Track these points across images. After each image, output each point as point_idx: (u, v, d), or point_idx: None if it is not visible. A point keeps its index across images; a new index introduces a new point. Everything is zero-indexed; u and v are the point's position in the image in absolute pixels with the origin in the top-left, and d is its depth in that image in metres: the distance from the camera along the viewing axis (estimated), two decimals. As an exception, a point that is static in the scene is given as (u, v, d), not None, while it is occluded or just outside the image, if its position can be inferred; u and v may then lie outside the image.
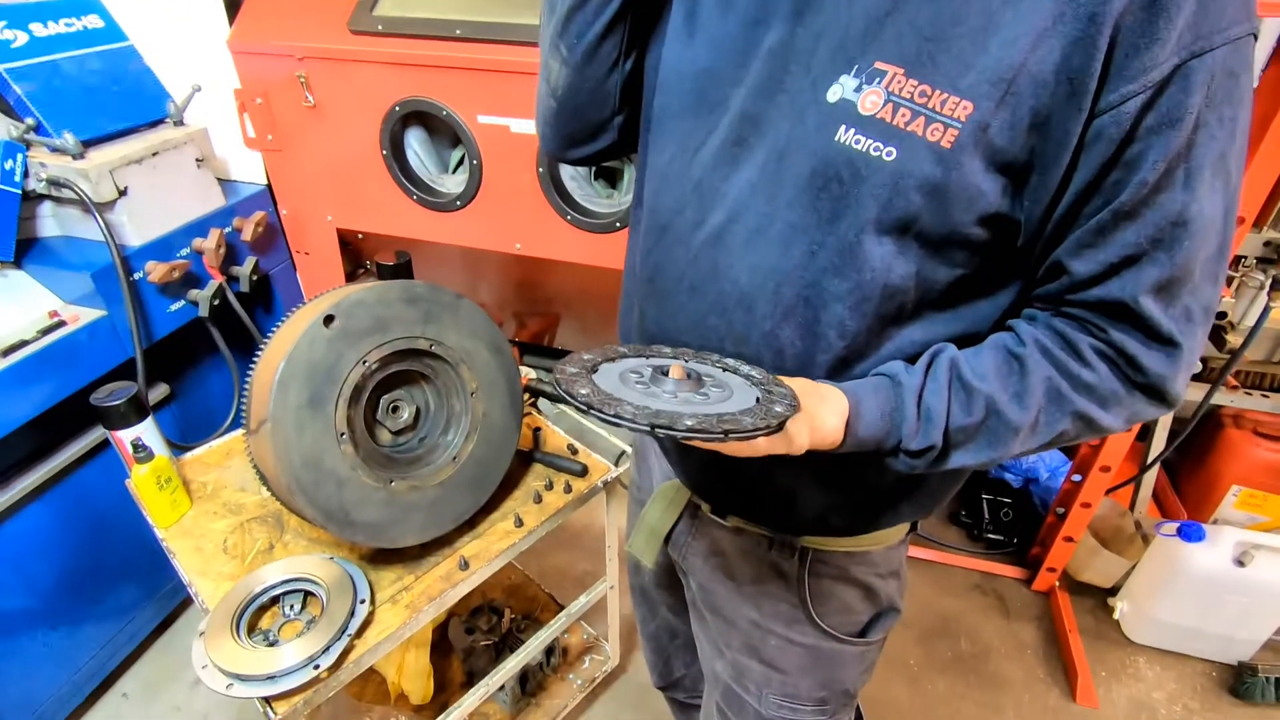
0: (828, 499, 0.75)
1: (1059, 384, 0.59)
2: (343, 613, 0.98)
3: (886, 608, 0.86)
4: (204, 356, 1.79)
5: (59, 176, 1.37)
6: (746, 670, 0.90)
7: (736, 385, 0.62)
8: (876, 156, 0.57)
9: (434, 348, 1.07)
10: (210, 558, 1.12)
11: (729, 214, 0.66)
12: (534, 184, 1.51)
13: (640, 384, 0.61)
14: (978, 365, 0.61)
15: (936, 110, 0.54)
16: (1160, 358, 0.57)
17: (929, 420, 0.60)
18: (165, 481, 1.16)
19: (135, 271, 1.45)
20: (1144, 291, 0.55)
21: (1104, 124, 0.51)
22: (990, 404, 0.60)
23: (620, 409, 0.54)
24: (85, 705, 1.68)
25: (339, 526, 0.98)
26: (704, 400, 0.59)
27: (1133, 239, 0.54)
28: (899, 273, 0.60)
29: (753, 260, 0.65)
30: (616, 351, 0.68)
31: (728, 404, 0.59)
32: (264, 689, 0.90)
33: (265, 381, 0.95)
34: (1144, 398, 0.59)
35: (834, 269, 0.61)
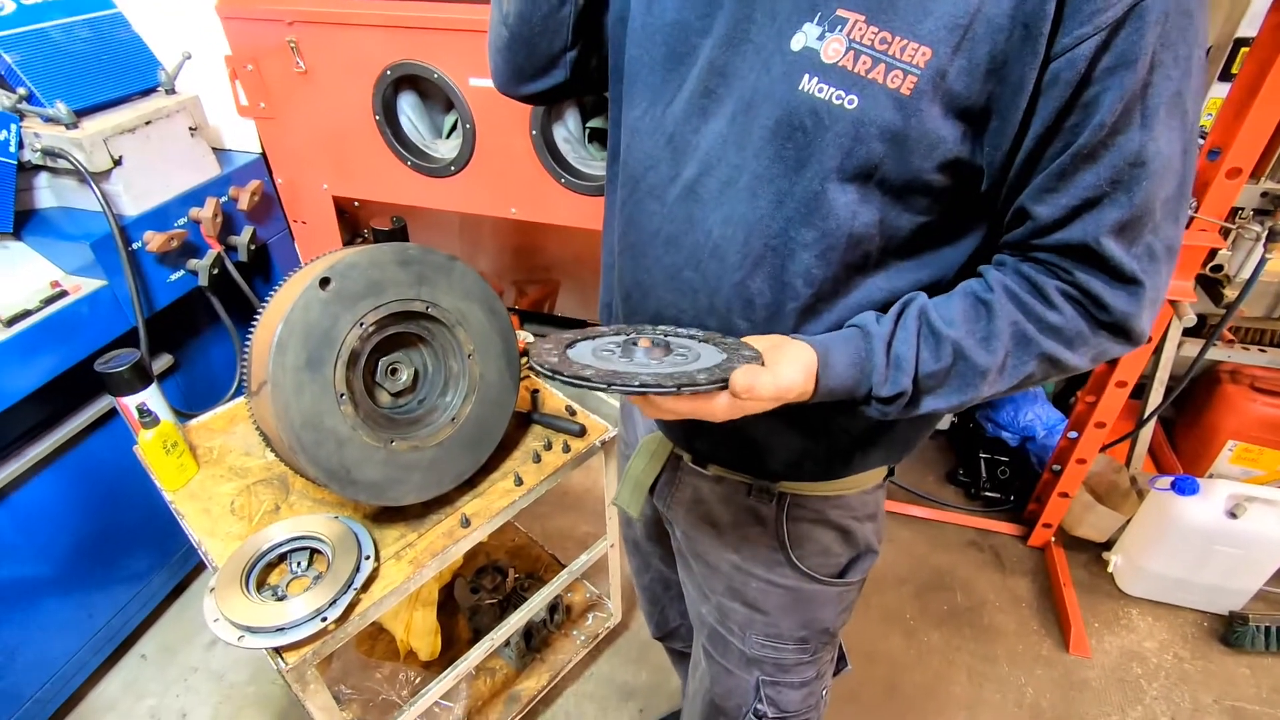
0: (801, 446, 0.77)
1: (1025, 327, 0.60)
2: (348, 568, 1.01)
3: (864, 549, 0.89)
4: (205, 327, 1.81)
5: (53, 146, 1.38)
6: (730, 612, 0.93)
7: (706, 352, 0.64)
8: (839, 105, 0.57)
9: (429, 310, 1.08)
10: (218, 519, 1.15)
11: (701, 166, 0.67)
12: (528, 147, 1.51)
13: (608, 353, 0.64)
14: (946, 312, 0.62)
15: (896, 57, 0.55)
16: (1124, 297, 0.58)
17: (898, 367, 0.62)
18: (171, 446, 1.18)
19: (133, 241, 1.46)
20: (1105, 233, 0.56)
21: (1059, 67, 0.52)
22: (958, 349, 0.61)
23: (580, 370, 0.58)
24: (105, 667, 1.74)
25: (341, 485, 1.00)
26: (664, 365, 0.62)
27: (1092, 181, 0.55)
28: (863, 220, 0.61)
29: (725, 211, 0.66)
30: (597, 331, 0.70)
31: (688, 366, 0.61)
32: (273, 640, 0.93)
33: (264, 344, 0.97)
34: (1109, 336, 0.61)
35: (800, 218, 0.62)
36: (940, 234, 0.64)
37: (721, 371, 0.59)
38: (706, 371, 0.59)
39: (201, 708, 1.68)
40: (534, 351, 0.63)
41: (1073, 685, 1.69)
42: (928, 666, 1.74)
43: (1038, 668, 1.73)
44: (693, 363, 0.62)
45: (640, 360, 0.63)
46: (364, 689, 1.54)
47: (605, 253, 0.87)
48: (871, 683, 1.69)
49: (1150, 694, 1.67)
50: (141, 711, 1.68)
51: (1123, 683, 1.69)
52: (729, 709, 0.99)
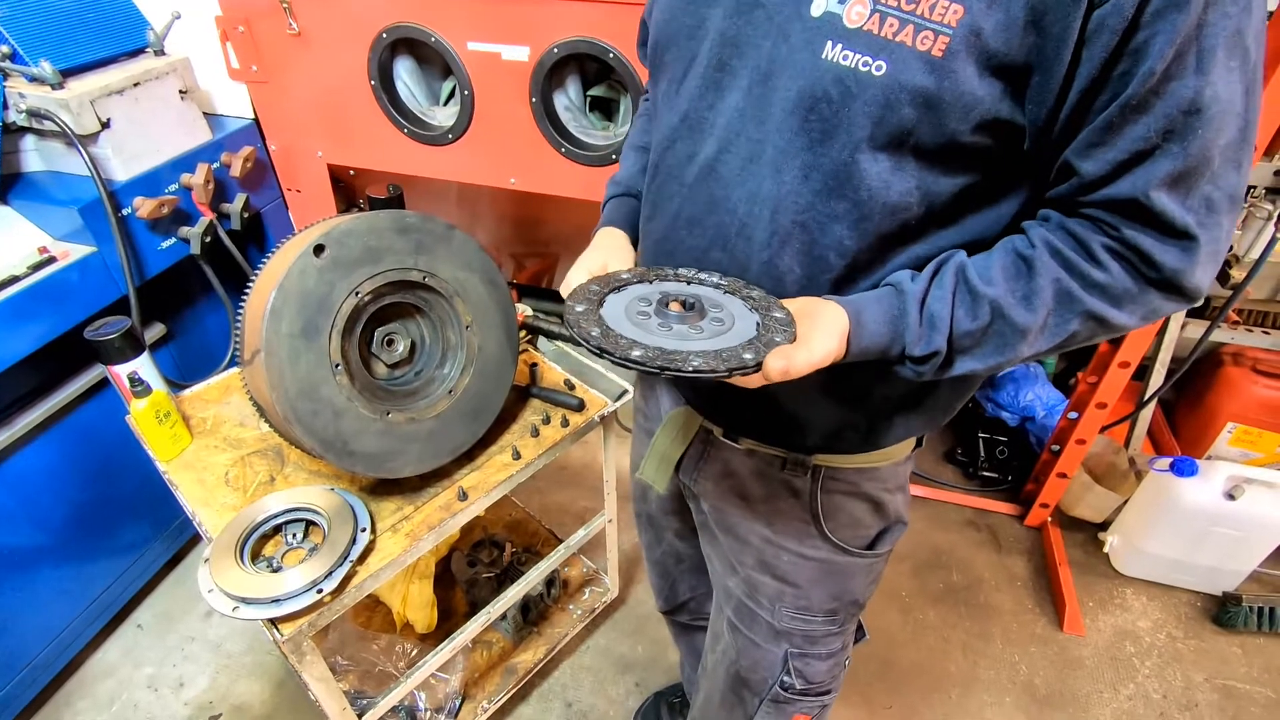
0: (839, 416, 0.76)
1: (1069, 285, 0.58)
2: (344, 540, 1.00)
3: (894, 520, 0.88)
4: (199, 297, 1.78)
5: (39, 107, 1.34)
6: (760, 585, 0.92)
7: (736, 310, 0.63)
8: (866, 72, 0.55)
9: (427, 279, 1.06)
10: (212, 489, 1.14)
11: (720, 144, 0.65)
12: (528, 116, 1.47)
13: (644, 315, 0.63)
14: (984, 269, 0.60)
15: (925, 17, 0.52)
16: (1175, 252, 0.55)
17: (933, 326, 0.60)
18: (164, 416, 1.16)
19: (123, 207, 1.43)
20: (1156, 186, 0.53)
21: (1105, 14, 0.49)
22: (996, 307, 0.59)
23: (631, 353, 0.57)
24: (101, 635, 1.74)
25: (337, 456, 0.99)
26: (703, 335, 0.61)
27: (1142, 133, 0.51)
28: (898, 189, 0.59)
29: (749, 188, 0.64)
30: (619, 279, 0.68)
31: (727, 336, 0.60)
32: (269, 611, 0.92)
33: (257, 311, 0.94)
34: (1160, 294, 0.58)
35: (830, 190, 0.60)
36: (982, 197, 0.62)
37: (764, 345, 0.58)
38: (750, 347, 0.58)
39: (199, 676, 1.69)
40: (571, 319, 0.61)
41: (1067, 663, 1.70)
42: (923, 643, 1.75)
43: (1032, 646, 1.74)
44: (729, 330, 0.61)
45: (680, 331, 0.61)
46: (360, 660, 1.54)
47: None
48: (867, 659, 1.70)
49: (1143, 672, 1.68)
50: (139, 679, 1.68)
51: (1115, 661, 1.71)
52: (754, 681, 0.99)
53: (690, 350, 0.58)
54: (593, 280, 0.68)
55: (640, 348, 0.57)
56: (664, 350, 0.57)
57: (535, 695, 1.64)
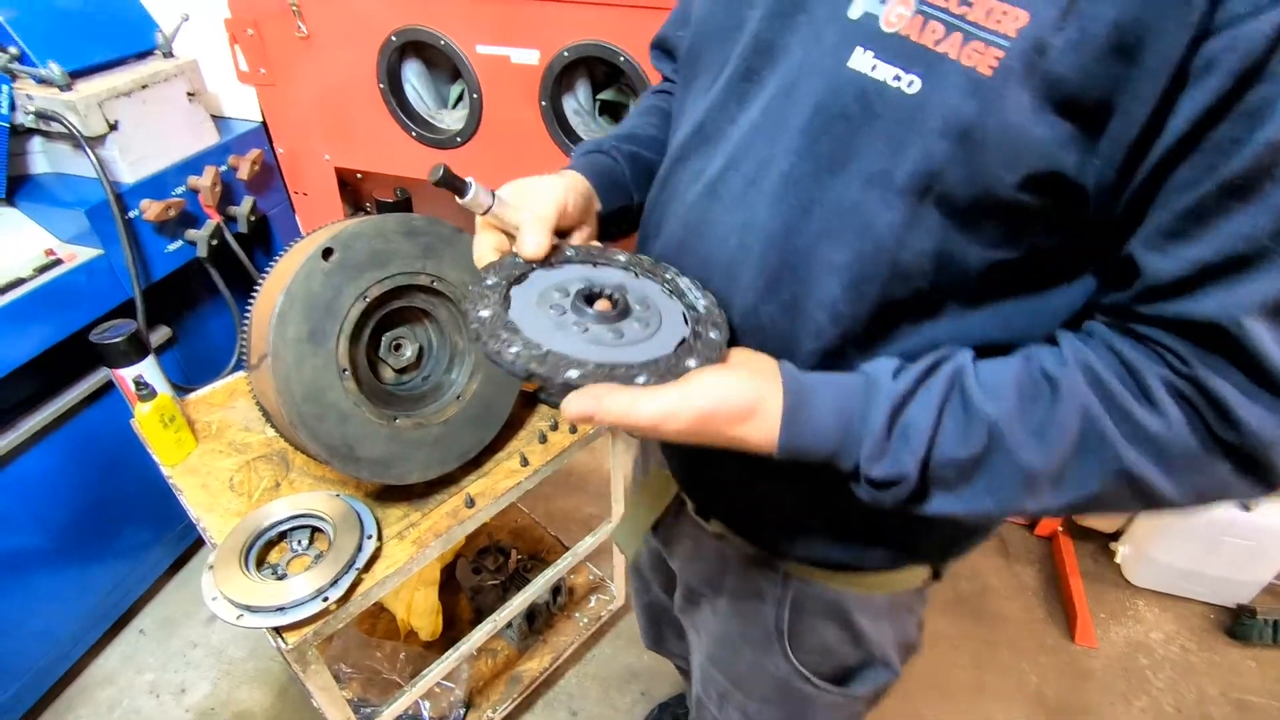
0: (816, 517, 0.63)
1: (1103, 426, 0.43)
2: (350, 548, 0.98)
3: (878, 661, 0.73)
4: (205, 300, 1.77)
5: (47, 109, 1.33)
6: (710, 678, 0.84)
7: (670, 319, 0.54)
8: (895, 88, 0.44)
9: (435, 283, 1.05)
10: (217, 495, 1.13)
11: (727, 161, 0.56)
12: (536, 119, 1.46)
13: (557, 309, 0.53)
14: (993, 381, 0.46)
15: (979, 23, 0.40)
16: (1263, 412, 0.40)
17: (905, 439, 0.46)
18: (169, 420, 1.15)
19: (130, 210, 1.42)
20: (1255, 311, 0.38)
21: (1218, 48, 0.35)
22: (996, 434, 0.45)
23: (503, 347, 0.48)
24: (103, 640, 1.73)
25: (343, 462, 0.98)
26: (617, 340, 0.51)
27: (1246, 229, 0.37)
28: (914, 248, 0.47)
29: (744, 216, 0.54)
30: (562, 255, 0.60)
31: (640, 347, 0.50)
32: (273, 619, 0.91)
33: (264, 315, 0.93)
34: (1231, 465, 0.42)
35: (829, 232, 0.49)
36: (1023, 278, 0.48)
37: (666, 372, 0.48)
38: (652, 369, 0.47)
39: (201, 682, 1.67)
40: (473, 291, 0.54)
41: (1078, 674, 1.68)
42: (932, 652, 1.72)
43: (1042, 656, 1.72)
44: (646, 339, 0.51)
45: (586, 325, 0.52)
46: (364, 667, 1.53)
47: None
48: (875, 669, 1.68)
49: (1156, 685, 1.66)
50: (141, 685, 1.67)
51: (1128, 673, 1.68)
52: None
53: (581, 356, 0.48)
54: (490, 268, 0.57)
55: (518, 345, 0.48)
56: (543, 351, 0.48)
57: (540, 704, 1.62)
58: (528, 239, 0.57)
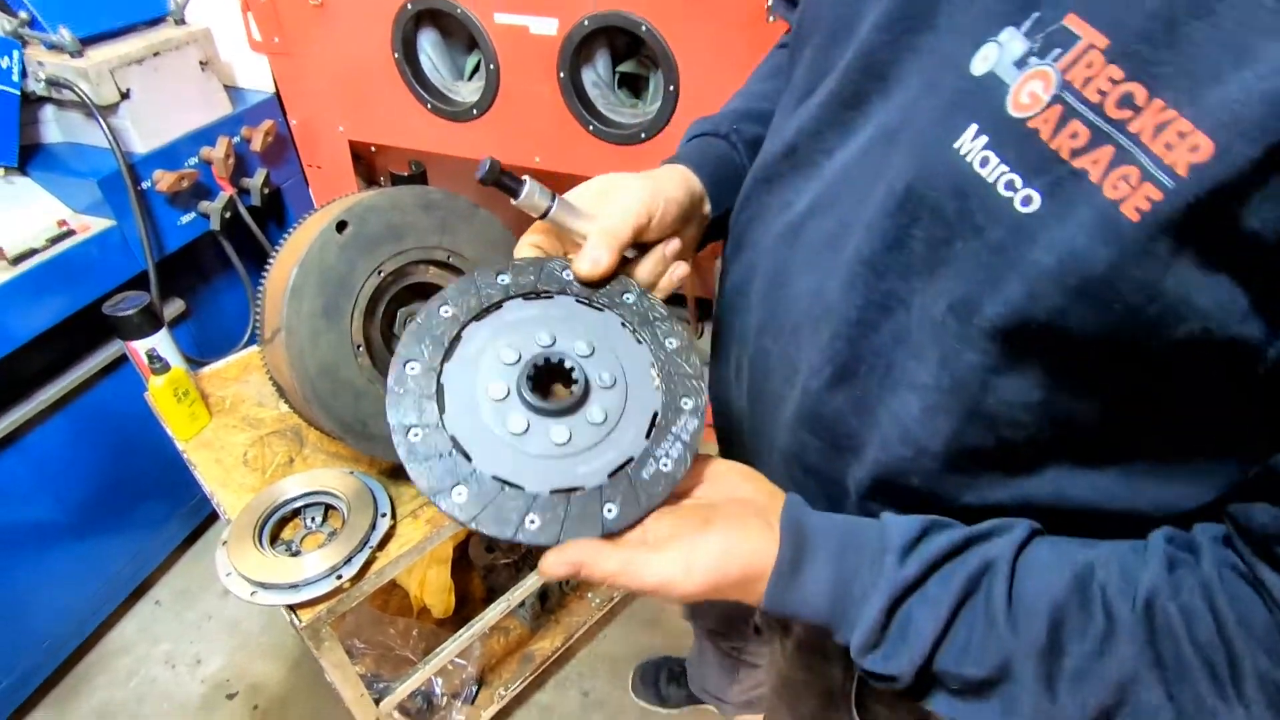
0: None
1: (1155, 701, 0.34)
2: (364, 526, 0.97)
3: None
4: (218, 273, 1.76)
5: (58, 76, 1.31)
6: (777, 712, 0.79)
7: (637, 378, 0.47)
8: (1004, 198, 0.33)
9: (451, 259, 1.03)
10: (230, 470, 1.12)
11: (813, 202, 0.47)
12: (554, 91, 1.43)
13: (503, 383, 0.45)
14: (1033, 592, 0.37)
15: (1142, 140, 0.29)
16: None
17: (903, 638, 0.39)
18: (183, 394, 1.14)
19: (143, 180, 1.40)
20: None
21: None
22: (1008, 667, 0.37)
23: (433, 480, 0.41)
24: (120, 612, 1.74)
25: (357, 439, 0.96)
26: (572, 442, 0.44)
27: None
28: (1003, 398, 0.37)
29: (816, 281, 0.46)
30: (491, 294, 0.48)
31: (603, 448, 0.44)
32: (287, 597, 0.90)
33: (278, 289, 0.91)
34: None
35: (910, 343, 0.40)
36: (1162, 441, 0.37)
37: (636, 489, 0.42)
38: (620, 490, 0.42)
39: (216, 654, 1.69)
40: (419, 317, 0.47)
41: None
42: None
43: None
44: (612, 430, 0.44)
45: (543, 436, 0.43)
46: (377, 643, 1.53)
47: None
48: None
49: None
50: (157, 656, 1.69)
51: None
52: None
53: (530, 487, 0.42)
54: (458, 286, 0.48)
55: (446, 479, 0.41)
56: (477, 490, 0.41)
57: (552, 683, 1.62)
58: (587, 254, 0.47)
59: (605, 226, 0.49)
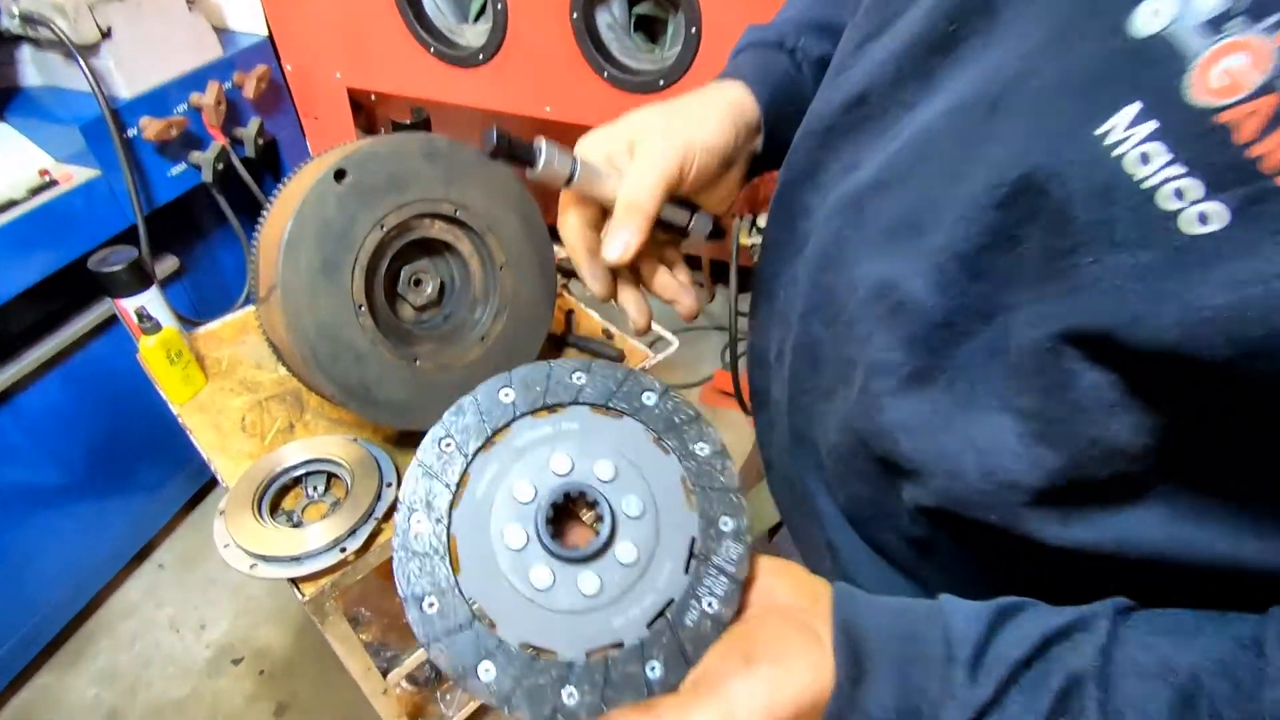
0: None
1: None
2: (368, 496, 0.92)
3: None
4: (213, 229, 1.69)
5: (33, 11, 1.21)
6: None
7: (667, 504, 0.41)
8: (1169, 212, 0.26)
9: (458, 213, 0.95)
10: (228, 435, 1.06)
11: (882, 169, 0.40)
12: (566, 34, 1.33)
13: (520, 528, 0.40)
14: (1136, 713, 0.30)
15: None
16: None
17: None
18: (176, 355, 1.08)
19: (128, 128, 1.32)
20: None
21: None
22: None
23: (456, 659, 0.37)
24: (122, 575, 1.72)
25: (360, 404, 0.90)
26: (596, 597, 0.39)
27: None
28: (1126, 435, 0.31)
29: (886, 268, 0.39)
30: (497, 415, 0.43)
31: (636, 594, 0.39)
32: (289, 570, 0.85)
33: (273, 243, 0.84)
34: None
35: (1005, 361, 0.34)
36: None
37: (679, 641, 0.38)
38: (659, 644, 0.38)
39: (220, 619, 1.67)
40: (421, 456, 0.42)
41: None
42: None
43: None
44: (645, 571, 0.39)
45: (570, 586, 0.39)
46: (383, 611, 1.50)
47: None
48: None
49: None
50: (161, 619, 1.67)
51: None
52: None
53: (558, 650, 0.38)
54: (458, 416, 0.43)
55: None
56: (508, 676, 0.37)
57: (561, 651, 1.60)
58: (614, 238, 0.44)
59: (629, 200, 0.44)
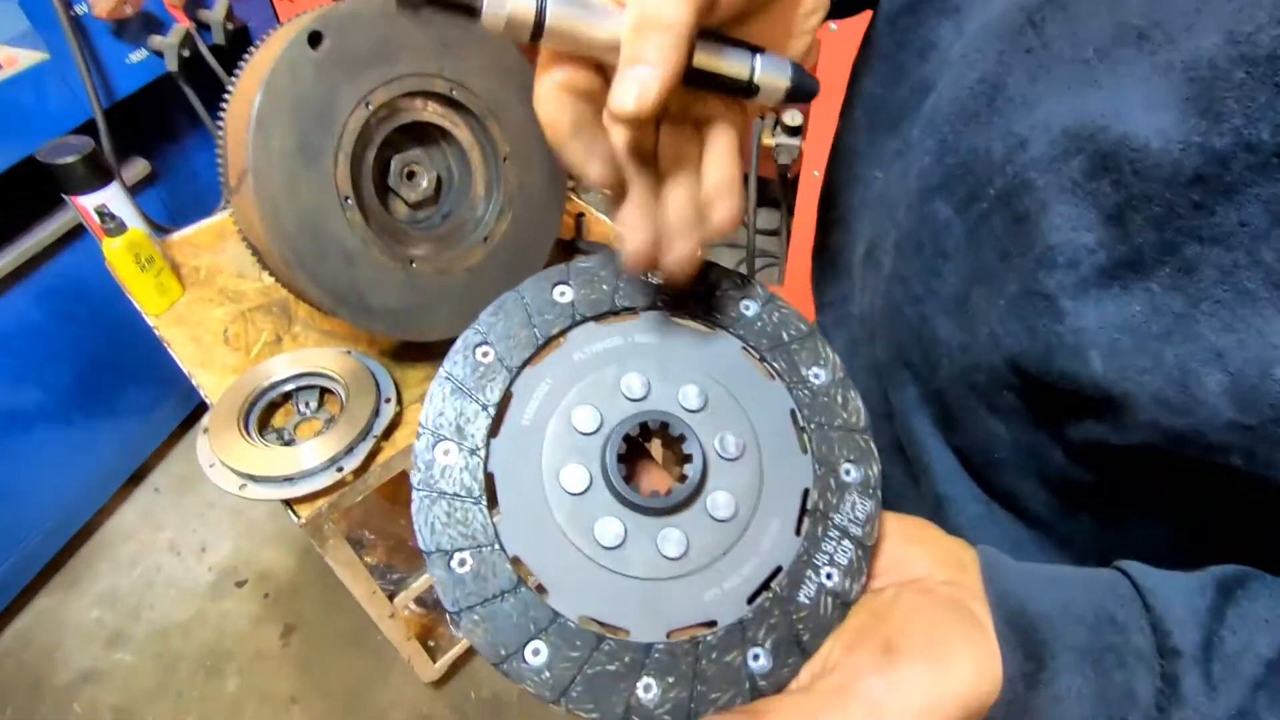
0: None
1: None
2: (365, 412, 0.84)
3: None
4: (187, 131, 1.55)
5: None
6: None
7: (774, 447, 0.32)
8: None
9: (454, 92, 0.83)
10: (210, 349, 0.97)
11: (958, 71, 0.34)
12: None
13: (581, 468, 0.31)
14: None
15: None
16: None
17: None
18: (147, 261, 0.98)
19: (76, 3, 1.17)
20: None
21: None
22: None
23: (495, 635, 0.28)
24: (117, 499, 1.67)
25: (352, 312, 0.81)
26: (682, 560, 0.30)
27: None
28: None
29: (1081, 104, 0.31)
30: (549, 320, 0.33)
31: (732, 559, 0.31)
32: (282, 491, 0.78)
33: (241, 121, 0.73)
34: None
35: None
36: None
37: (791, 622, 0.30)
38: (766, 624, 0.30)
39: (221, 542, 1.63)
40: (441, 377, 0.32)
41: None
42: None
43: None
44: (745, 531, 0.31)
45: (648, 547, 0.30)
46: (388, 534, 1.45)
47: None
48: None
49: None
50: (161, 542, 1.63)
51: None
52: None
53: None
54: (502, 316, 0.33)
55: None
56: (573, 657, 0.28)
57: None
58: (627, 79, 0.26)
59: (647, 15, 0.26)
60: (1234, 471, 0.27)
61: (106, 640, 1.46)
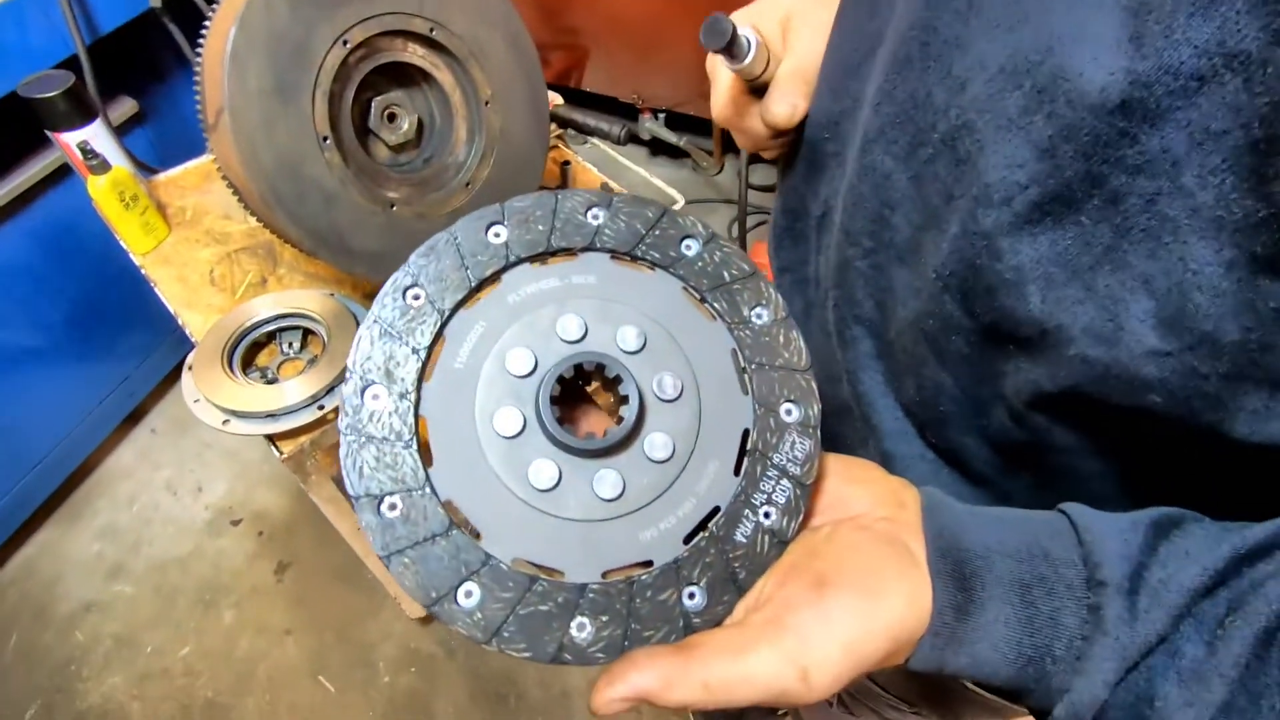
0: None
1: None
2: (347, 353, 0.86)
3: None
4: (174, 71, 1.53)
5: None
6: None
7: (711, 387, 0.33)
8: None
9: (434, 32, 0.83)
10: (196, 289, 0.99)
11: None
12: None
13: (515, 410, 0.31)
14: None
15: None
16: None
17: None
18: (132, 199, 0.98)
19: (51, -71, 1.14)
20: None
21: None
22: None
23: (426, 578, 0.28)
24: (114, 439, 1.70)
25: (333, 254, 0.82)
26: (617, 501, 0.30)
27: None
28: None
29: (1019, 39, 0.30)
30: (483, 260, 0.33)
31: (672, 497, 0.31)
32: (264, 427, 0.80)
33: (216, 58, 0.73)
34: None
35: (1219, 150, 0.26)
36: None
37: (727, 563, 0.30)
38: (700, 563, 0.30)
39: (217, 482, 1.67)
40: (374, 314, 0.32)
41: None
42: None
43: None
44: (681, 472, 0.31)
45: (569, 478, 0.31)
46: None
47: None
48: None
49: None
50: (158, 482, 1.67)
51: None
52: None
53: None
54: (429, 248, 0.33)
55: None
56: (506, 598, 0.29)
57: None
58: (781, 97, 0.45)
59: (798, 69, 0.44)
60: (1156, 416, 0.28)
61: (107, 572, 1.52)
